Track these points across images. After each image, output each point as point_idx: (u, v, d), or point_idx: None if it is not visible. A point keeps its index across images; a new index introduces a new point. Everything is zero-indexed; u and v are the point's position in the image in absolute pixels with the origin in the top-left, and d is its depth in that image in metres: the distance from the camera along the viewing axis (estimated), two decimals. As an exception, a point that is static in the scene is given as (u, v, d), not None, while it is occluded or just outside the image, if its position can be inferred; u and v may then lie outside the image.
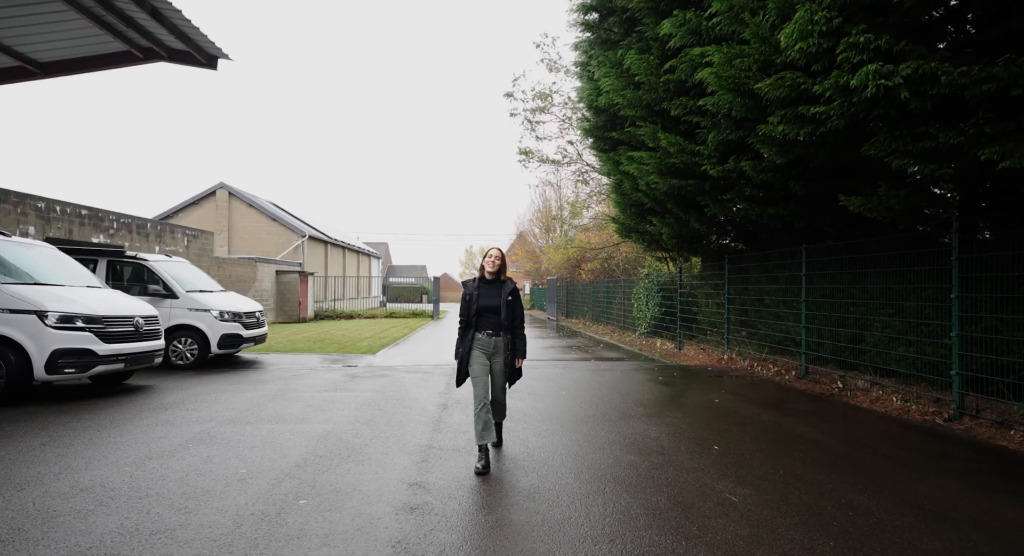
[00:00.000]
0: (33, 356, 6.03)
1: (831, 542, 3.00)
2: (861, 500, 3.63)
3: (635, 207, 11.97)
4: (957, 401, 6.04)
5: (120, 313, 6.90)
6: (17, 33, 9.13)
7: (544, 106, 22.67)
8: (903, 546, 2.97)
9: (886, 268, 7.29)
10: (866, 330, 7.89)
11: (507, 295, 4.43)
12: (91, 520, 3.12)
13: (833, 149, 5.53)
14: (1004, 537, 3.10)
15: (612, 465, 4.33)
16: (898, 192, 5.27)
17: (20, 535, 2.92)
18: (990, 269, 5.79)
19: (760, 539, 3.03)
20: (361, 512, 3.31)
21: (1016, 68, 3.79)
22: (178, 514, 3.22)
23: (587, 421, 5.83)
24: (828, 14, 4.52)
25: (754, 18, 5.21)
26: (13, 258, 6.74)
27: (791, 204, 7.31)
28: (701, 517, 3.32)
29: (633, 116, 8.61)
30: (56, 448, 4.49)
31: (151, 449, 4.52)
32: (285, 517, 3.22)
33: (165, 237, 17.53)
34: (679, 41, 6.42)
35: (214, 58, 10.32)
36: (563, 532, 3.08)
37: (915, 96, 4.23)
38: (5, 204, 11.57)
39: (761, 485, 3.91)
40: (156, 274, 9.79)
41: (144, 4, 8.34)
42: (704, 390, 7.85)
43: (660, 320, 15.20)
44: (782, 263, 9.55)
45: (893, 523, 3.26)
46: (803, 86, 4.93)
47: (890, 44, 4.26)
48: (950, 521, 3.31)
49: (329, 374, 8.99)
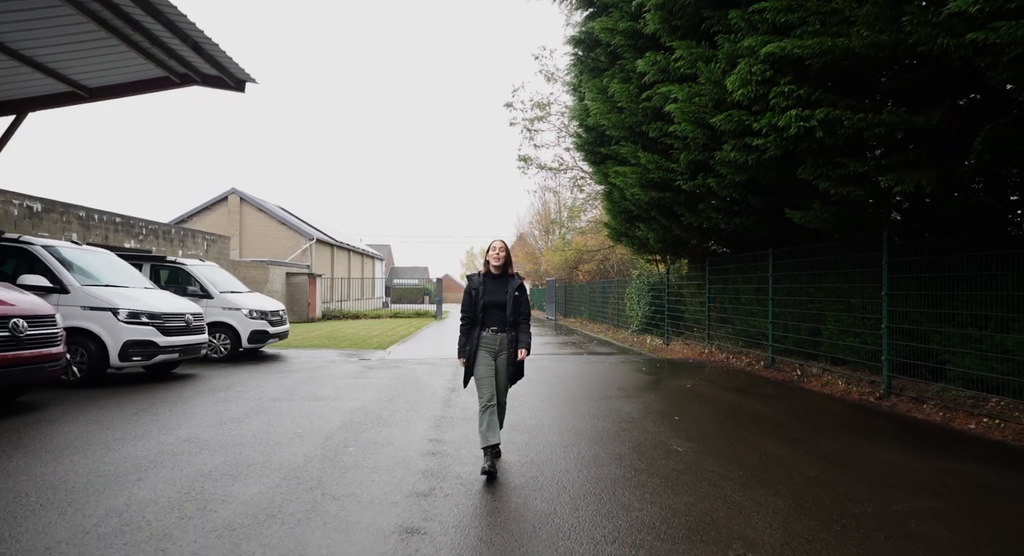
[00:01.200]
0: (109, 346, 7.17)
1: (741, 471, 4.12)
2: (777, 450, 4.74)
3: (624, 214, 13.07)
4: (886, 382, 7.15)
5: (174, 310, 8.04)
6: (69, 61, 10.24)
7: (542, 115, 23.78)
8: (791, 474, 4.08)
9: (837, 270, 8.39)
10: (822, 324, 8.99)
11: (514, 290, 4.26)
12: (202, 457, 4.25)
13: (777, 172, 6.64)
14: (870, 470, 4.20)
15: (589, 429, 5.45)
16: (828, 208, 6.39)
17: (157, 465, 4.04)
18: (912, 271, 6.90)
19: (690, 471, 4.14)
20: (396, 455, 4.43)
21: (898, 116, 4.90)
22: (262, 455, 4.35)
23: (573, 400, 6.94)
24: (762, 67, 5.63)
25: (707, 66, 6.33)
26: (85, 264, 7.88)
27: (752, 215, 8.42)
28: (650, 459, 4.44)
29: (617, 136, 9.74)
30: (149, 416, 5.63)
31: (221, 417, 5.66)
32: (340, 457, 4.34)
33: (187, 242, 18.68)
34: (651, 78, 7.54)
35: (243, 82, 11.42)
36: (546, 468, 4.20)
37: (828, 135, 5.34)
38: (52, 213, 12.74)
39: (704, 441, 5.02)
40: (193, 277, 10.93)
41: (187, 39, 9.46)
42: (680, 378, 8.95)
43: (650, 318, 16.30)
44: (754, 265, 10.65)
45: (793, 462, 4.38)
46: (747, 122, 6.05)
47: (808, 93, 5.37)
48: (837, 462, 4.41)
49: (348, 365, 10.11)
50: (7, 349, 5.22)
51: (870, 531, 3.10)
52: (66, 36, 9.21)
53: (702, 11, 6.54)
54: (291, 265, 26.71)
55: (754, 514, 3.32)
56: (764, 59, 5.57)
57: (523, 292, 4.33)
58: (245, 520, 3.12)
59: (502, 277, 4.31)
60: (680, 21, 6.86)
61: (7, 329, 5.26)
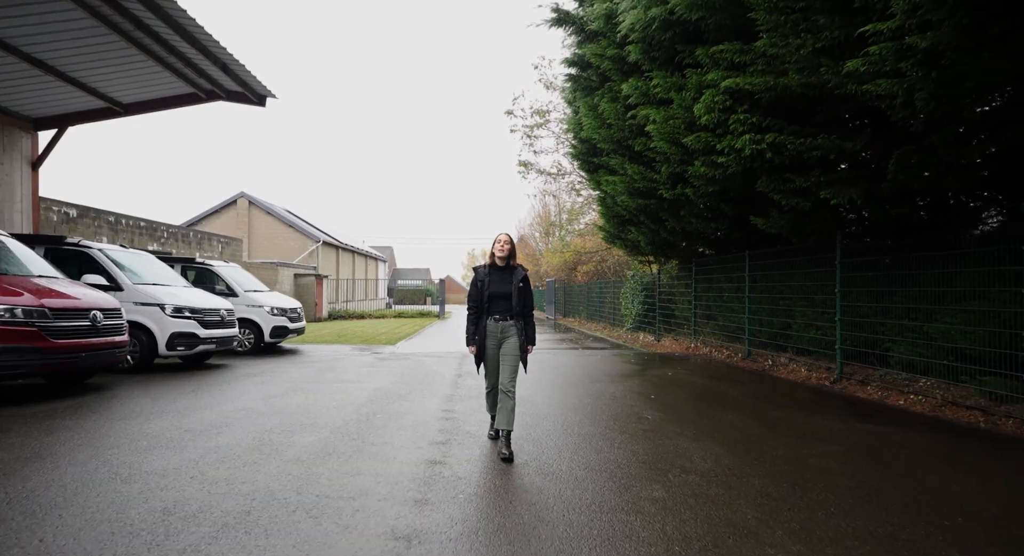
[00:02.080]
0: (158, 337, 8.19)
1: (694, 431, 5.13)
2: (729, 417, 5.75)
3: (616, 218, 14.08)
4: (839, 368, 8.16)
5: (211, 306, 9.06)
6: (108, 80, 11.23)
7: (542, 122, 24.81)
8: (734, 432, 5.09)
9: (803, 270, 9.39)
10: (791, 319, 9.99)
11: (519, 281, 4.40)
12: (261, 420, 5.27)
13: (740, 184, 7.66)
14: (798, 430, 5.21)
15: (575, 403, 6.46)
16: (784, 216, 7.40)
17: (228, 425, 5.06)
18: (859, 271, 7.91)
19: (654, 430, 5.15)
20: (416, 420, 5.45)
21: (830, 142, 5.90)
22: (308, 419, 5.36)
23: (564, 384, 7.95)
24: (723, 97, 6.65)
25: (679, 93, 7.35)
26: (132, 265, 8.90)
27: (725, 220, 9.44)
28: (623, 424, 5.45)
29: (607, 148, 10.76)
30: (204, 393, 6.64)
31: (265, 394, 6.67)
32: (371, 420, 5.36)
33: (203, 244, 19.72)
34: (634, 100, 8.56)
35: (264, 97, 12.43)
36: (538, 429, 5.20)
37: (776, 155, 6.35)
38: (86, 218, 13.77)
39: (670, 412, 6.03)
40: (220, 277, 11.95)
41: (217, 60, 10.48)
42: (664, 368, 9.96)
43: (643, 316, 17.29)
44: (734, 266, 11.66)
45: (738, 425, 5.38)
46: (712, 143, 7.06)
47: (760, 120, 6.38)
48: (775, 425, 5.42)
49: (362, 358, 11.12)
50: (89, 336, 6.24)
51: (777, 463, 4.11)
52: (107, 58, 10.19)
53: (675, 45, 7.56)
54: (299, 266, 27.71)
55: (695, 455, 4.33)
56: (724, 91, 6.58)
57: (527, 283, 4.49)
58: (309, 455, 4.14)
59: (507, 268, 4.46)
60: (657, 53, 7.88)
61: (88, 320, 6.28)
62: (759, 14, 5.22)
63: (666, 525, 3.00)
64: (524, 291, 4.43)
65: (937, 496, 3.49)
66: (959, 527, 3.02)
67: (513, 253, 4.48)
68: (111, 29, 8.86)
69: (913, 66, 4.12)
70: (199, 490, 3.40)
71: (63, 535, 2.76)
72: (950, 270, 6.44)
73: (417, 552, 2.65)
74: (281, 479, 3.63)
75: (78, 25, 8.82)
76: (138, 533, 2.79)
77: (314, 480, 3.62)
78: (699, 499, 3.39)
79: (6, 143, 11.26)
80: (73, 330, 6.04)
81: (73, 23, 8.72)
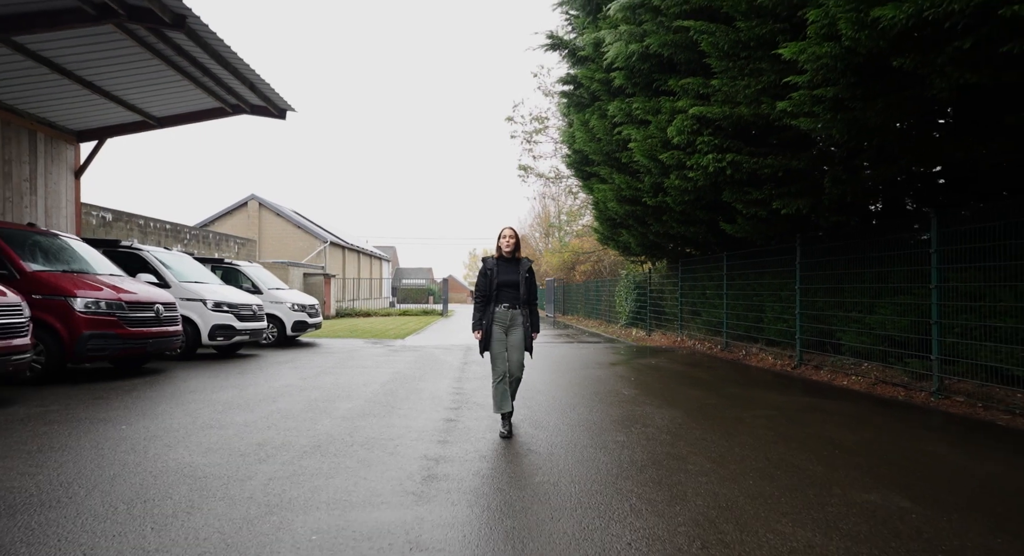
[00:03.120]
0: (201, 328, 9.34)
1: (660, 401, 6.26)
2: (694, 393, 6.88)
3: (609, 221, 15.20)
4: (799, 356, 9.29)
5: (244, 301, 10.21)
6: (145, 96, 12.34)
7: (541, 128, 25.94)
8: (693, 402, 6.22)
9: (772, 269, 10.52)
10: (762, 313, 11.12)
11: (524, 272, 4.69)
12: (305, 393, 6.41)
13: (710, 194, 8.79)
14: (748, 400, 6.34)
15: (565, 383, 7.60)
16: (747, 222, 8.53)
17: (280, 396, 6.20)
18: (816, 269, 9.03)
19: (628, 401, 6.28)
20: (432, 394, 6.59)
21: (778, 161, 7.02)
22: (344, 393, 6.51)
23: (558, 370, 9.09)
24: (691, 122, 7.76)
25: (656, 116, 8.48)
26: (175, 264, 10.05)
27: (701, 225, 10.57)
28: (603, 397, 6.58)
29: (597, 159, 11.89)
30: (250, 374, 7.79)
31: (300, 376, 7.82)
32: (395, 394, 6.50)
33: (222, 245, 20.88)
34: (619, 119, 9.69)
35: (284, 111, 13.55)
36: (532, 401, 6.33)
37: (735, 172, 7.47)
38: (119, 222, 14.94)
39: (645, 389, 7.17)
40: (246, 276, 13.10)
41: (245, 80, 11.61)
42: (649, 358, 11.09)
43: (636, 313, 18.42)
44: (715, 265, 12.78)
45: (699, 398, 6.52)
46: (683, 160, 8.19)
47: (721, 142, 7.50)
48: (730, 398, 6.55)
49: (376, 349, 12.27)
50: (154, 325, 7.39)
51: (719, 421, 5.25)
52: (147, 77, 11.31)
53: (653, 74, 8.69)
54: (308, 266, 28.86)
55: (656, 416, 5.47)
56: (692, 116, 7.71)
57: (532, 274, 4.78)
58: (352, 415, 5.29)
59: (513, 260, 4.74)
60: (638, 79, 9.01)
61: (153, 312, 7.43)
62: (712, 60, 6.34)
63: (622, 455, 4.14)
64: (530, 281, 4.74)
65: (827, 439, 4.62)
66: (830, 454, 4.15)
67: (518, 246, 4.78)
68: (154, 55, 10.00)
69: (824, 110, 5.23)
70: (277, 433, 4.55)
71: (199, 454, 3.89)
72: (885, 269, 7.56)
73: (444, 466, 3.79)
74: (335, 428, 4.78)
75: (126, 52, 9.96)
76: (246, 455, 3.94)
77: (360, 429, 4.77)
78: (651, 441, 4.53)
79: (54, 155, 12.41)
80: (142, 320, 7.19)
81: (123, 50, 9.85)
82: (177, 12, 8.64)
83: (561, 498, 3.21)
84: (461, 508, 3.04)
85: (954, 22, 3.78)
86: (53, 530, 2.69)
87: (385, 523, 2.82)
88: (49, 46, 9.45)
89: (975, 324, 6.15)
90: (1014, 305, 5.73)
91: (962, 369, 6.45)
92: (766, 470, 3.79)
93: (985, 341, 6.04)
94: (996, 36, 3.83)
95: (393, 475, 3.57)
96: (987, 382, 6.16)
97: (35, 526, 2.73)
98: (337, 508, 3.00)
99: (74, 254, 7.64)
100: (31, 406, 5.42)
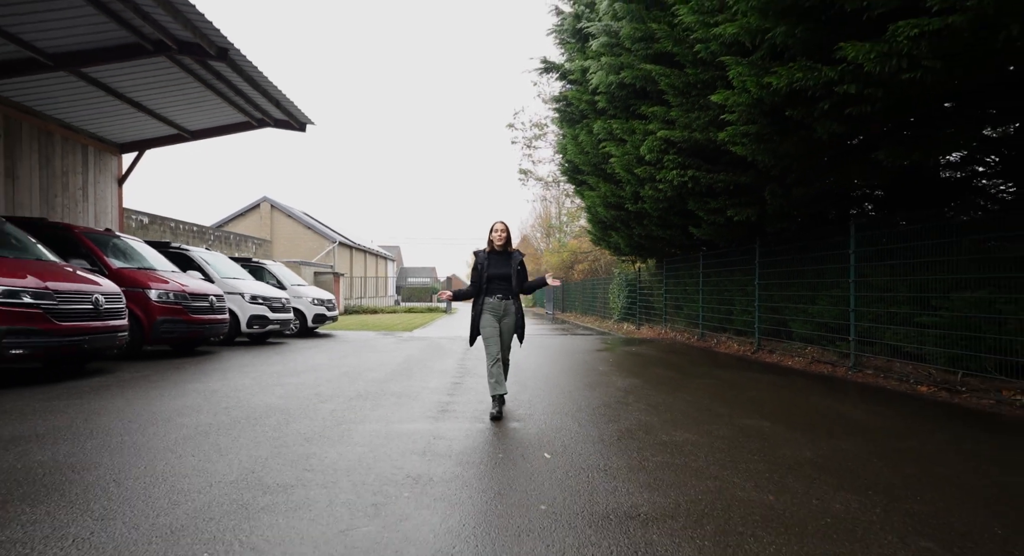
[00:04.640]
0: (240, 318, 10.81)
1: (630, 374, 7.69)
2: (658, 371, 8.31)
3: (600, 223, 16.63)
4: (757, 342, 10.71)
5: (275, 295, 11.67)
6: (181, 112, 13.78)
7: (540, 134, 27.36)
8: (659, 377, 7.65)
9: (738, 267, 11.94)
10: (732, 306, 12.53)
11: (516, 265, 4.87)
12: (335, 368, 7.87)
13: (678, 203, 10.22)
14: (705, 376, 7.76)
15: (550, 363, 9.04)
16: (711, 227, 9.96)
17: (316, 369, 7.65)
18: (771, 267, 10.45)
19: (603, 374, 7.72)
20: (441, 369, 8.04)
21: (728, 177, 8.44)
22: (367, 368, 7.96)
23: (547, 355, 10.53)
24: (660, 142, 9.19)
25: (631, 136, 9.92)
26: (214, 262, 11.53)
27: (675, 228, 12.01)
28: (582, 373, 8.02)
29: (586, 170, 13.34)
30: (287, 355, 9.25)
31: (328, 357, 9.27)
32: (411, 368, 7.95)
33: (241, 245, 22.38)
34: (601, 136, 11.13)
35: (304, 124, 14.98)
36: (520, 375, 7.77)
37: (695, 185, 8.89)
38: (154, 224, 16.43)
39: (620, 367, 8.59)
40: (271, 273, 14.58)
41: (271, 98, 13.06)
42: (632, 347, 12.52)
43: (627, 308, 19.84)
44: (694, 264, 14.20)
45: (661, 374, 7.94)
46: (654, 174, 9.62)
47: (683, 161, 8.93)
48: (691, 375, 7.97)
49: (388, 339, 13.73)
50: (208, 313, 8.86)
51: (669, 385, 6.69)
52: (184, 96, 12.75)
53: (630, 100, 10.13)
54: (318, 265, 30.34)
55: (619, 382, 6.90)
56: (660, 138, 9.15)
57: (523, 267, 4.96)
58: (380, 379, 6.75)
59: (504, 253, 4.92)
60: (618, 103, 10.45)
61: (207, 302, 8.90)
62: (670, 96, 7.76)
63: (582, 402, 5.58)
64: (521, 274, 4.95)
65: (747, 398, 6.05)
66: (742, 404, 5.58)
67: (510, 239, 4.95)
68: (195, 78, 11.47)
69: (750, 142, 6.64)
70: (327, 388, 6.01)
71: (275, 398, 5.34)
72: (822, 267, 8.98)
73: (453, 406, 5.24)
74: (369, 387, 6.24)
75: (171, 77, 11.43)
76: (310, 399, 5.40)
77: (389, 387, 6.23)
78: (608, 397, 5.96)
79: (101, 165, 13.90)
80: (200, 308, 8.66)
81: (168, 75, 11.32)
82: (221, 46, 10.12)
83: (533, 420, 4.66)
84: (464, 422, 4.51)
85: (814, 92, 5.22)
86: (225, 430, 4.15)
87: (416, 429, 4.29)
88: (106, 73, 10.93)
89: (882, 311, 7.58)
90: (907, 295, 7.15)
91: (876, 349, 7.87)
92: (686, 411, 5.23)
93: (889, 325, 7.47)
94: (841, 103, 5.26)
95: (418, 409, 5.04)
96: (891, 358, 7.58)
97: (221, 425, 4.20)
98: (383, 422, 4.48)
99: (140, 254, 9.11)
100: (130, 372, 6.92)
